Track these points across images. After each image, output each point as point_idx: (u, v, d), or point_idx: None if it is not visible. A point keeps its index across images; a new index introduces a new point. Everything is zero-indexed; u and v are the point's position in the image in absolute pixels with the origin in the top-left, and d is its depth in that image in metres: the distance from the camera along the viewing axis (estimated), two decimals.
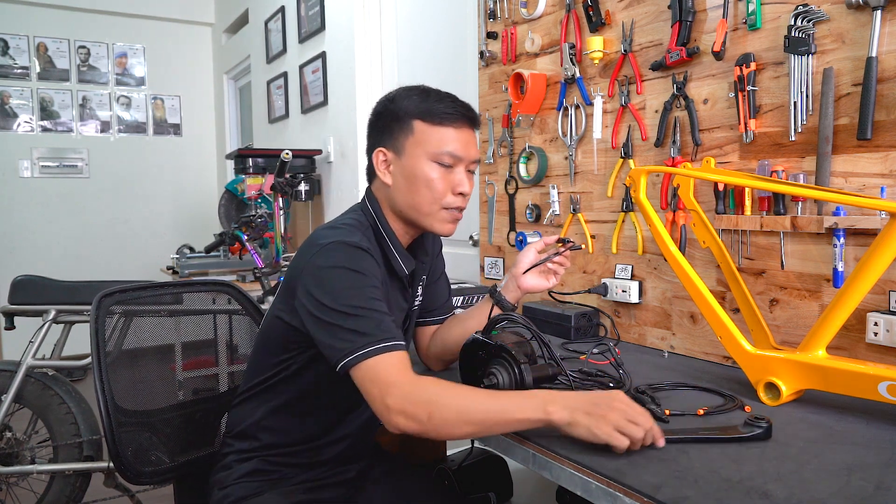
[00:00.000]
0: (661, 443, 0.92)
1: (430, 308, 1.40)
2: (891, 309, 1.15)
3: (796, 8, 1.24)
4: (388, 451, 1.47)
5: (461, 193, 1.18)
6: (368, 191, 1.26)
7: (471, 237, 2.49)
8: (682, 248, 1.50)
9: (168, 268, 4.09)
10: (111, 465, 1.97)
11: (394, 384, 0.97)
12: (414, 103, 1.17)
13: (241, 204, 3.84)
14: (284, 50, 4.10)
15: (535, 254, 1.30)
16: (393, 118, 1.18)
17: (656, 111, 1.56)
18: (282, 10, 4.07)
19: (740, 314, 1.31)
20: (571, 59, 1.75)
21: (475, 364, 1.16)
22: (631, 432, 0.89)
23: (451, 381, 1.01)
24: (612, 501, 0.83)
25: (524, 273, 1.29)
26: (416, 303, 1.34)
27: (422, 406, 0.95)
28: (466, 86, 2.49)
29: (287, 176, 2.93)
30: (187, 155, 5.54)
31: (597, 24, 1.68)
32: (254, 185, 3.60)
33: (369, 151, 1.23)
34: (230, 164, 4.60)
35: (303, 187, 3.34)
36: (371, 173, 1.24)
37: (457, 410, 0.95)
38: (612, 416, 0.90)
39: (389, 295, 1.20)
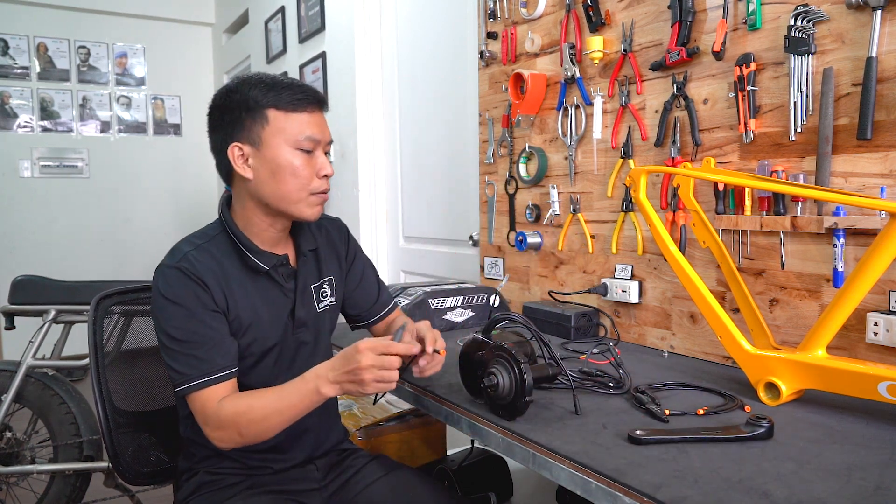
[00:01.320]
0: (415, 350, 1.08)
1: (365, 309, 1.42)
2: (891, 309, 1.15)
3: (796, 8, 1.24)
4: (386, 452, 1.48)
5: (325, 176, 1.18)
6: (227, 196, 1.25)
7: (471, 237, 2.49)
8: (682, 248, 1.50)
9: None
10: (111, 465, 1.97)
11: (205, 418, 1.11)
12: (262, 93, 1.14)
13: None
14: (284, 50, 4.10)
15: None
16: (243, 110, 1.15)
17: (656, 111, 1.56)
18: (282, 10, 4.07)
19: (740, 314, 1.31)
20: (571, 59, 1.75)
21: (475, 364, 1.16)
22: (388, 377, 1.03)
23: (248, 392, 1.14)
24: (612, 501, 0.83)
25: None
26: (326, 302, 1.32)
27: (231, 428, 1.09)
28: (466, 86, 2.49)
29: None
30: (187, 155, 5.53)
31: (597, 24, 1.68)
32: None
33: (221, 148, 1.19)
34: None
35: None
36: (225, 172, 1.21)
37: (258, 421, 1.09)
38: (367, 376, 1.02)
39: (252, 293, 1.20)
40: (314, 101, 1.17)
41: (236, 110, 1.15)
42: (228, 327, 1.17)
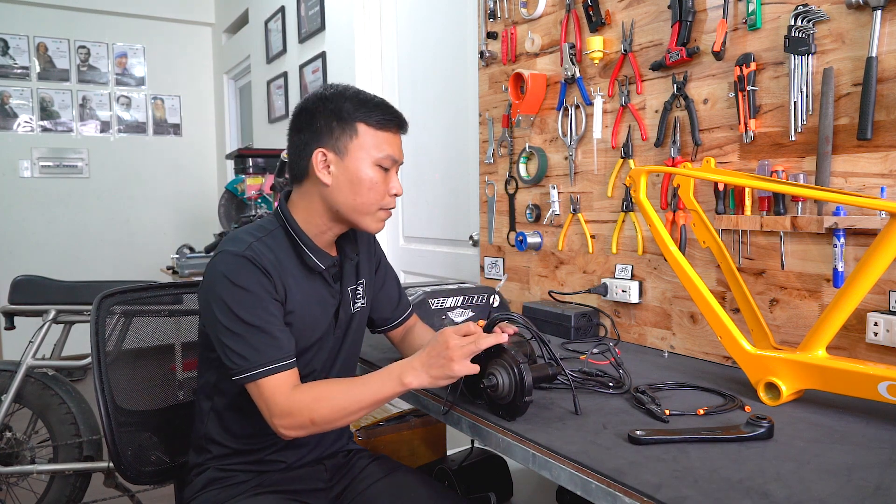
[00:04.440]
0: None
1: (386, 314, 1.43)
2: (891, 309, 1.15)
3: (796, 8, 1.24)
4: (386, 452, 1.48)
5: (395, 194, 1.24)
6: (286, 193, 1.27)
7: (471, 237, 2.49)
8: (682, 248, 1.50)
9: (168, 268, 4.09)
10: (111, 465, 1.97)
11: (274, 405, 1.10)
12: (355, 106, 1.19)
13: (241, 204, 3.84)
14: (284, 50, 4.10)
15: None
16: (335, 119, 1.18)
17: (656, 111, 1.56)
18: (282, 10, 4.07)
19: (740, 314, 1.31)
20: (571, 59, 1.75)
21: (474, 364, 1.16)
22: (473, 350, 1.04)
23: (325, 381, 1.15)
24: (612, 501, 0.83)
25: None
26: (359, 304, 1.34)
27: (304, 414, 1.09)
28: (466, 86, 2.49)
29: (287, 176, 2.93)
30: (187, 155, 5.53)
31: (597, 24, 1.68)
32: (254, 185, 3.60)
33: (303, 150, 1.21)
34: (230, 164, 4.60)
35: None
36: (300, 172, 1.23)
37: (334, 408, 1.09)
38: (454, 354, 1.03)
39: (305, 290, 1.22)
40: (399, 123, 1.24)
41: (328, 117, 1.19)
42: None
